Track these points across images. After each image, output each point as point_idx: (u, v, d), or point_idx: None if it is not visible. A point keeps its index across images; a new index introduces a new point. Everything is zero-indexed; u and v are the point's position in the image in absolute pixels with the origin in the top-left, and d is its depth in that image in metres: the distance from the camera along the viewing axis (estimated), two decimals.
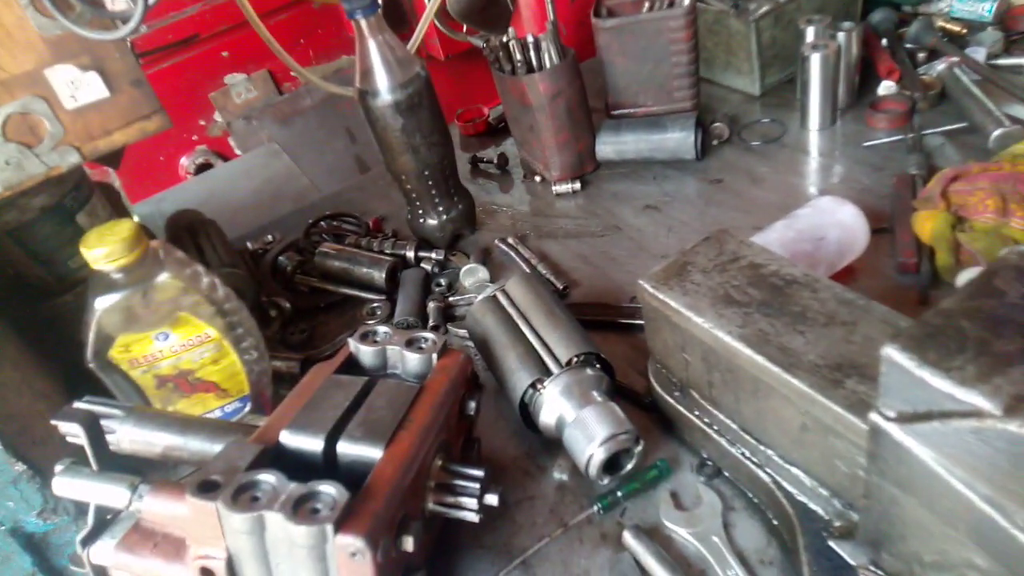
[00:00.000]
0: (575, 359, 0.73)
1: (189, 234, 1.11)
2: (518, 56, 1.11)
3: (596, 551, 0.67)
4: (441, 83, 1.04)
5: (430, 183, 1.03)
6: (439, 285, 1.04)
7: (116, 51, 0.61)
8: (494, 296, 0.84)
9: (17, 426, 0.77)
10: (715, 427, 0.68)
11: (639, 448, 0.69)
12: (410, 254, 1.08)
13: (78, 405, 0.68)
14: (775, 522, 0.64)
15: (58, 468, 0.63)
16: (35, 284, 0.90)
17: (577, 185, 1.15)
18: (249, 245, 1.22)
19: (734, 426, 0.65)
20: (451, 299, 1.01)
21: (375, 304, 1.03)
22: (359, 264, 1.06)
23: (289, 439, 0.62)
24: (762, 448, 0.63)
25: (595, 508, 0.70)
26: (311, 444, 0.61)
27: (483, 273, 1.02)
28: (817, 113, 1.13)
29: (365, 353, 0.73)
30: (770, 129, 1.18)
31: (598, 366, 0.75)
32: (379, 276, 1.04)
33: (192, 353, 0.80)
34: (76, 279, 0.89)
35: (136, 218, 0.87)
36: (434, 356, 0.71)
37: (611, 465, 0.70)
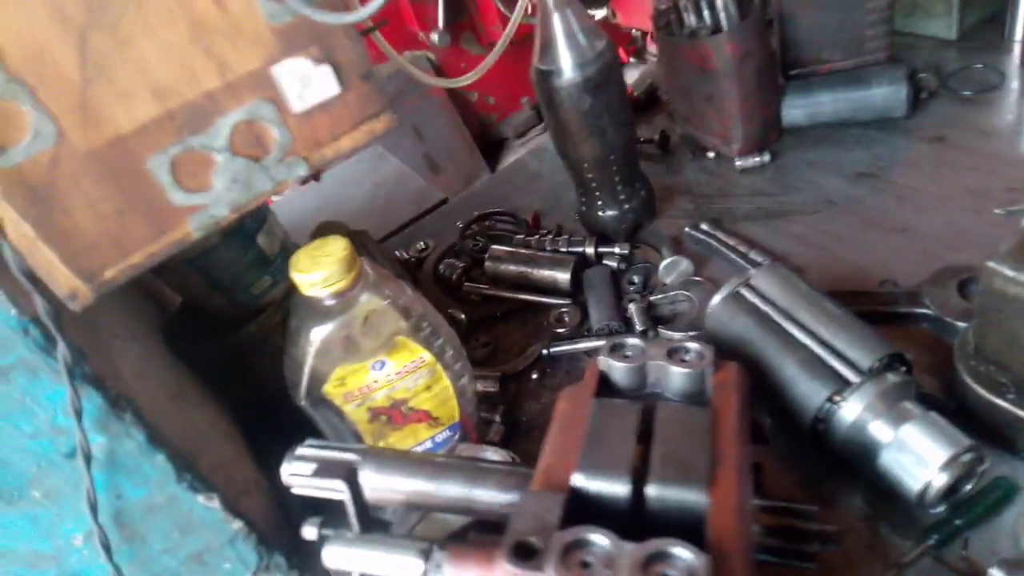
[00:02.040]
0: (877, 364, 0.61)
1: None
2: (692, 19, 0.99)
3: None
4: (503, 70, 0.91)
5: (614, 168, 0.92)
6: (632, 283, 0.93)
7: (347, 37, 0.51)
8: (738, 292, 0.72)
9: (224, 478, 0.69)
10: None
11: (983, 467, 0.57)
12: (590, 251, 0.97)
13: (310, 452, 0.59)
14: None
15: (313, 532, 0.54)
16: (212, 316, 0.83)
17: (767, 157, 1.02)
18: (398, 254, 1.13)
19: None
20: (652, 298, 0.89)
21: (563, 309, 0.92)
22: (538, 266, 0.96)
23: (585, 483, 0.51)
24: None
25: (930, 541, 0.57)
26: (614, 488, 0.51)
27: (686, 266, 0.90)
28: None
29: (620, 371, 0.62)
30: (983, 75, 1.02)
31: (903, 369, 0.62)
32: (563, 278, 0.94)
33: (406, 380, 0.71)
34: (258, 307, 0.81)
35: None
36: (708, 371, 0.60)
37: (946, 491, 0.57)
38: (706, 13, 0.99)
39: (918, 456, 0.56)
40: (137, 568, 0.61)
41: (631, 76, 1.82)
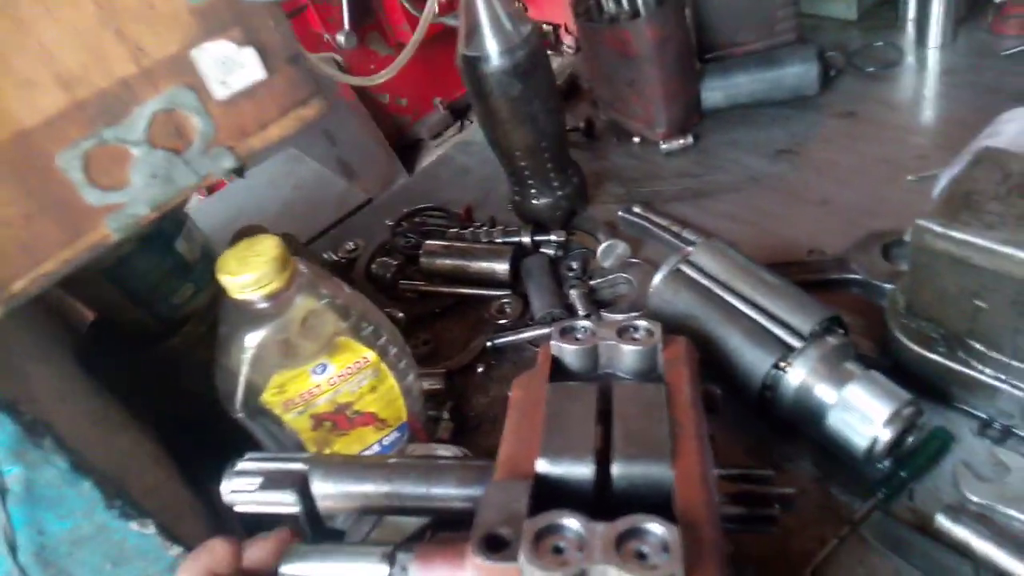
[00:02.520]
0: (817, 328, 0.63)
1: None
2: (611, 5, 0.99)
3: (899, 544, 0.57)
4: (413, 71, 0.89)
5: (547, 155, 0.92)
6: (571, 270, 0.92)
7: (271, 18, 0.48)
8: (678, 269, 0.73)
9: (157, 502, 0.65)
10: (1013, 381, 0.58)
11: (923, 419, 0.59)
12: (526, 240, 0.96)
13: (252, 465, 0.56)
14: None
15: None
16: (129, 330, 0.77)
17: (690, 139, 1.04)
18: (327, 256, 1.09)
19: None
20: (592, 283, 0.89)
21: (503, 300, 0.91)
22: (475, 258, 0.94)
23: (549, 468, 0.50)
24: None
25: (879, 495, 0.59)
26: (578, 471, 0.50)
27: (623, 248, 0.90)
28: (939, 27, 1.03)
29: (572, 354, 0.61)
30: (883, 52, 1.07)
31: (841, 332, 0.64)
32: (501, 269, 0.92)
33: (350, 383, 0.68)
34: (180, 318, 0.76)
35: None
36: (659, 347, 0.60)
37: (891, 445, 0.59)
38: (624, 1, 1.00)
39: (863, 414, 0.58)
40: None
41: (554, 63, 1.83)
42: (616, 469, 0.50)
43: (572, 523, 0.43)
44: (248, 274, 0.58)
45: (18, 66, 0.40)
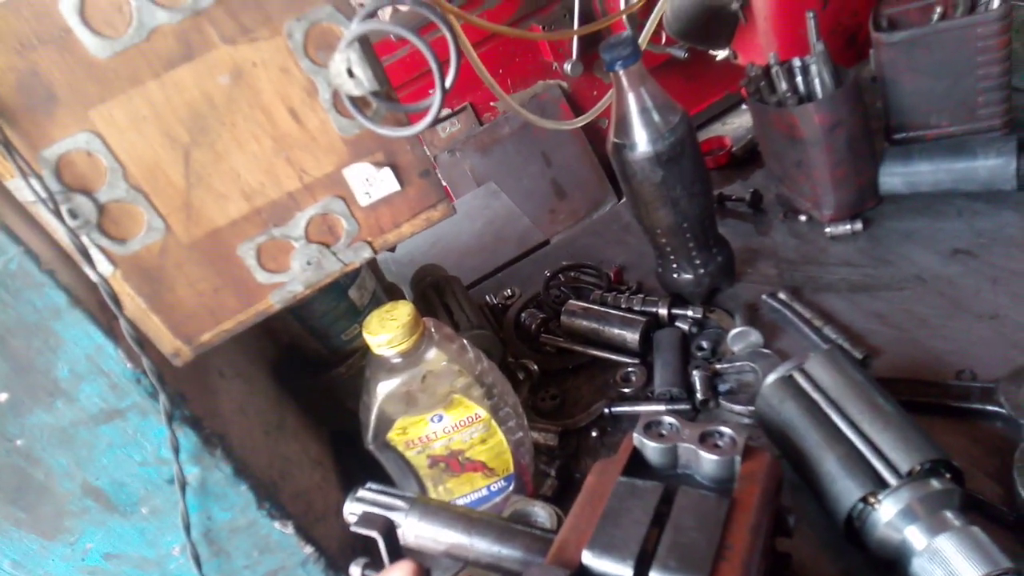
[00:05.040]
0: (918, 468, 0.60)
1: (436, 293, 1.11)
2: (783, 85, 0.98)
3: None
4: None
5: (687, 236, 0.94)
6: (701, 349, 0.94)
7: (408, 144, 0.58)
8: (791, 376, 0.72)
9: (303, 504, 0.79)
10: None
11: None
12: (663, 312, 0.99)
13: (368, 495, 0.67)
14: None
15: (356, 572, 0.61)
16: (310, 357, 0.94)
17: (859, 225, 0.99)
18: (488, 299, 1.20)
19: None
20: (718, 367, 0.90)
21: (630, 369, 0.95)
22: (609, 324, 0.99)
23: (593, 562, 0.55)
24: None
25: None
26: (618, 570, 0.54)
27: (755, 337, 0.90)
28: None
29: (653, 450, 0.65)
30: None
31: (947, 475, 0.60)
32: (632, 338, 0.96)
33: (463, 434, 0.77)
34: (348, 351, 0.91)
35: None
36: (737, 458, 0.61)
37: None
38: (799, 80, 0.99)
39: (949, 570, 0.55)
40: None
41: (738, 123, 1.80)
42: None
43: None
44: (384, 335, 0.70)
45: (215, 184, 0.55)
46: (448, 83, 0.51)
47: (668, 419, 0.66)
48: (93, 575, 0.66)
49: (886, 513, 0.59)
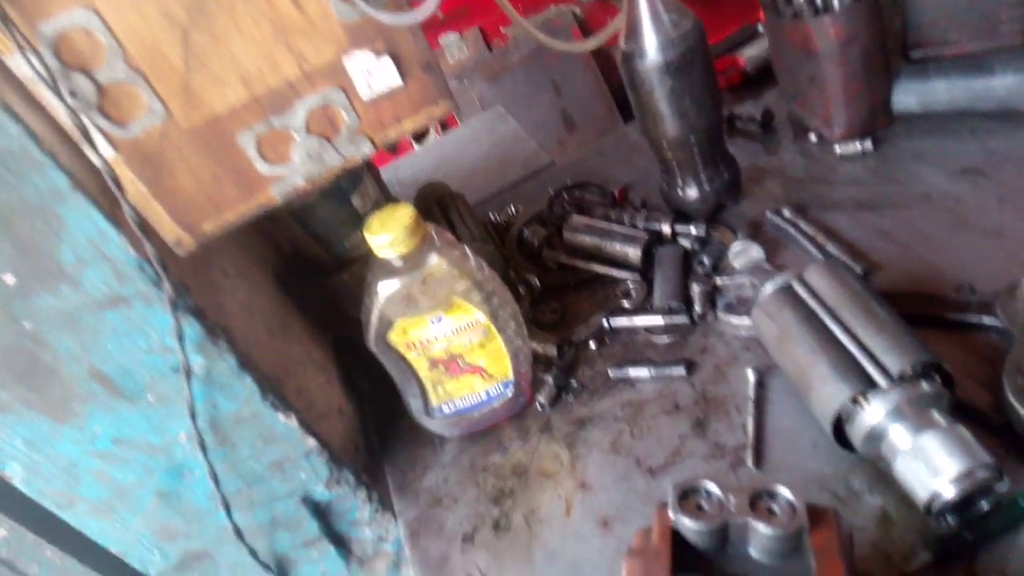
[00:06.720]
0: (908, 370, 0.60)
1: (440, 208, 1.11)
2: None
3: None
4: None
5: (695, 150, 0.93)
6: (702, 264, 0.94)
7: (409, 34, 0.57)
8: (789, 286, 0.72)
9: (306, 401, 0.81)
10: None
11: (1002, 486, 0.56)
12: (666, 229, 0.99)
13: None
14: None
15: None
16: (313, 263, 0.94)
17: (868, 144, 0.98)
18: (492, 216, 1.20)
19: None
20: (718, 281, 0.90)
21: (630, 284, 0.96)
22: (611, 240, 0.99)
23: None
24: None
25: (936, 552, 0.58)
26: None
27: (757, 252, 0.90)
28: None
29: (694, 532, 0.49)
30: None
31: (937, 379, 0.61)
32: (634, 254, 0.97)
33: (462, 337, 0.78)
34: (350, 258, 0.92)
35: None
36: (804, 530, 0.47)
37: (958, 504, 0.57)
38: None
39: (932, 466, 0.56)
40: (228, 468, 0.74)
41: (754, 53, 1.75)
42: None
43: None
44: (385, 235, 0.70)
45: (214, 68, 0.54)
46: None
47: (706, 484, 0.50)
48: (103, 459, 0.68)
49: (874, 413, 0.60)
